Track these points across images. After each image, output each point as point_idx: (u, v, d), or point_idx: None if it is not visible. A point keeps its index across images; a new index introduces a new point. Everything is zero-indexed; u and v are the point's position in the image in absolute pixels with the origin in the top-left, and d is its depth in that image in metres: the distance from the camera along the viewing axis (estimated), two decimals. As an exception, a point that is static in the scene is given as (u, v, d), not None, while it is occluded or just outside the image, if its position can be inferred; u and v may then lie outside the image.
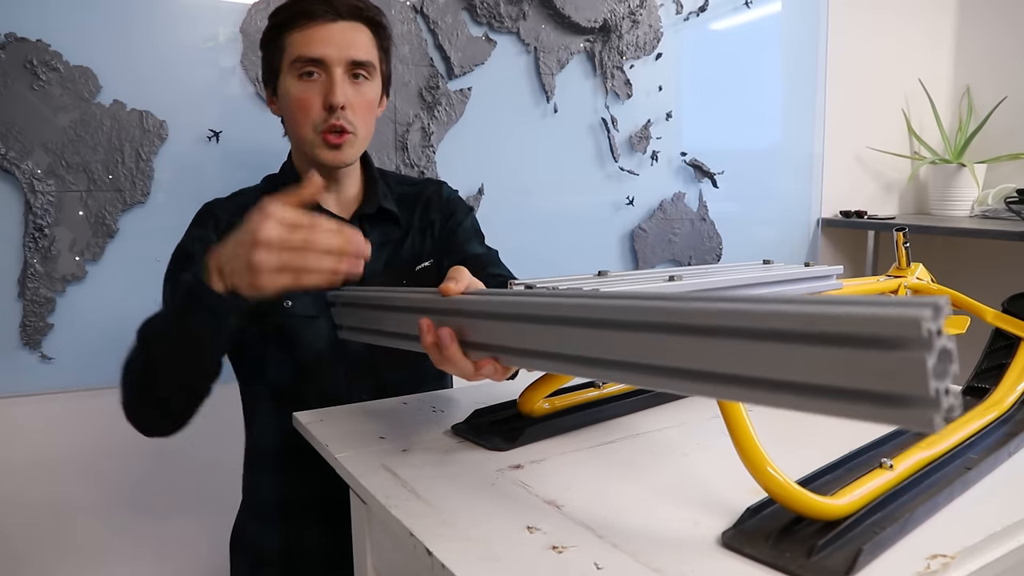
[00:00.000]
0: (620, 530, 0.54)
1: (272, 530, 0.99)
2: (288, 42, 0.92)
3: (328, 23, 0.91)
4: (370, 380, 0.98)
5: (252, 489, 1.03)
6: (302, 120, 0.92)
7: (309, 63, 0.91)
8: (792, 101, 2.03)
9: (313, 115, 0.92)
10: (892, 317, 0.31)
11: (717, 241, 1.91)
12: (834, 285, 0.82)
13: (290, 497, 0.98)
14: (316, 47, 0.91)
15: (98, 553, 1.30)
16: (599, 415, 0.78)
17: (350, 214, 1.00)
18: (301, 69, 0.91)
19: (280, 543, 0.99)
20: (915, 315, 0.30)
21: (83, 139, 1.19)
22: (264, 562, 1.00)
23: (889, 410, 0.32)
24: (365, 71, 0.94)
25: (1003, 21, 2.23)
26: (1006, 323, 0.85)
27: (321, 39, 0.91)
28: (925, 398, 0.31)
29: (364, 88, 0.94)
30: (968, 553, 0.49)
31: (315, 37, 0.91)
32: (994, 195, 2.10)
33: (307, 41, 0.91)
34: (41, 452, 1.25)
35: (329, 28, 0.92)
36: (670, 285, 0.63)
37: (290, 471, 0.97)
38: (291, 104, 0.93)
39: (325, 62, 0.91)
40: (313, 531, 0.97)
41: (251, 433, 1.02)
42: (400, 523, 0.55)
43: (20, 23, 1.14)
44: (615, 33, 1.67)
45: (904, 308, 0.31)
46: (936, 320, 0.30)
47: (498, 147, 1.56)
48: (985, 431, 0.70)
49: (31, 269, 1.18)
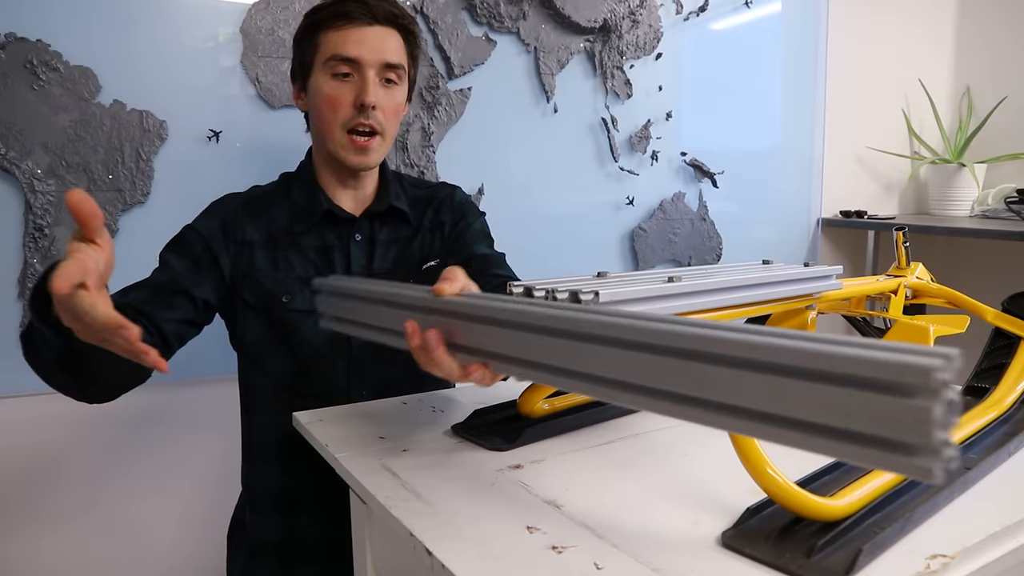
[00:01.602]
0: (620, 530, 0.54)
1: (270, 521, 1.00)
2: (323, 40, 0.94)
3: (365, 26, 0.94)
4: (371, 377, 0.98)
5: (250, 480, 1.03)
6: (331, 118, 0.94)
7: (344, 62, 0.93)
8: (792, 101, 2.03)
9: (343, 113, 0.94)
10: (904, 364, 0.31)
11: (717, 241, 1.91)
12: (834, 285, 0.82)
13: (288, 488, 0.99)
14: (352, 47, 0.93)
15: (98, 551, 1.30)
16: (599, 415, 0.78)
17: (361, 211, 1.01)
18: (335, 68, 0.94)
19: (278, 534, 0.99)
20: (927, 365, 0.30)
21: (83, 139, 1.19)
22: (261, 553, 1.00)
23: (890, 456, 0.32)
24: (396, 74, 0.97)
25: (1003, 21, 2.23)
26: (1006, 323, 0.85)
27: (357, 40, 0.93)
28: (927, 447, 0.31)
29: (394, 91, 0.97)
30: (968, 553, 0.49)
31: (351, 38, 0.93)
32: (994, 195, 2.10)
33: (343, 41, 0.93)
34: (41, 452, 1.25)
35: (365, 31, 0.94)
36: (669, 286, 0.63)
37: (288, 463, 0.97)
38: (322, 101, 0.95)
39: (359, 62, 0.93)
40: (311, 522, 0.98)
41: (250, 425, 1.02)
42: (400, 523, 0.55)
43: (20, 23, 1.14)
44: (615, 33, 1.67)
45: (917, 357, 0.31)
46: (947, 371, 0.30)
47: (498, 147, 1.56)
48: (985, 431, 0.70)
49: (31, 269, 1.18)
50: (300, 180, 1.02)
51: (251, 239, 0.97)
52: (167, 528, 1.35)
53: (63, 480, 1.26)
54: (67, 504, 1.27)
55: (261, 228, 0.98)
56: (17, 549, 1.24)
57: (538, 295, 0.59)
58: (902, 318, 0.85)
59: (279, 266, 0.97)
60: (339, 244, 1.00)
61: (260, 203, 1.00)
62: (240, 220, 0.98)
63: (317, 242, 0.99)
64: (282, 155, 1.11)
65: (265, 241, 0.98)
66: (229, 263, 0.96)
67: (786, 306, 0.79)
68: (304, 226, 0.98)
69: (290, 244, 0.98)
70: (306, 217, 0.99)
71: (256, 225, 0.98)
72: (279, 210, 1.00)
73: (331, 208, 0.99)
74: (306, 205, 0.99)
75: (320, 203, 0.99)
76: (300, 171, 1.04)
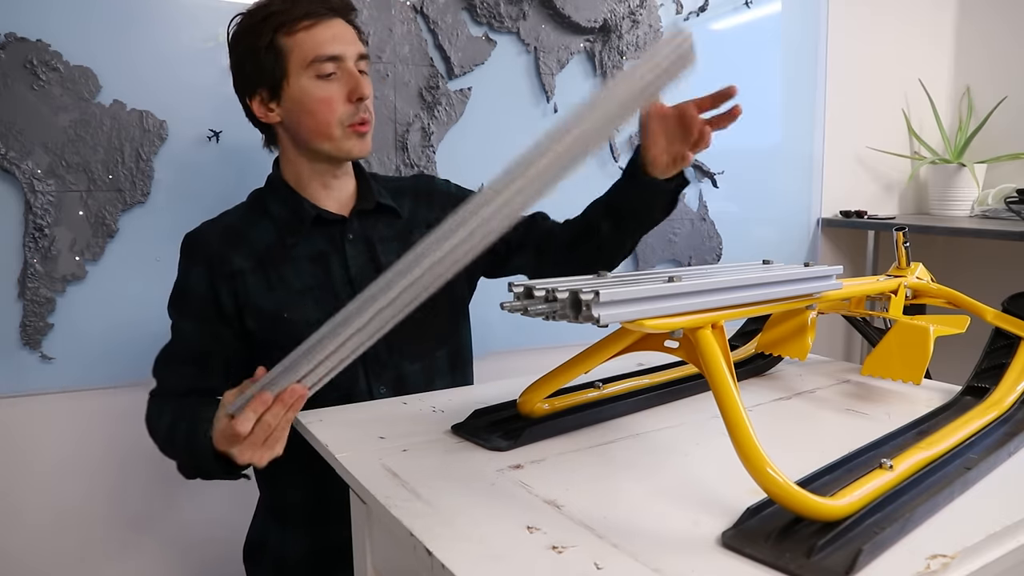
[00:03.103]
0: (620, 530, 0.54)
1: (290, 531, 0.99)
2: (293, 44, 0.91)
3: (329, 20, 0.92)
4: (389, 372, 0.98)
5: (268, 490, 1.03)
6: (328, 118, 0.92)
7: (328, 61, 0.91)
8: (792, 101, 2.03)
9: (339, 111, 0.92)
10: None
11: (717, 241, 1.91)
12: (834, 285, 0.82)
13: (309, 497, 0.98)
14: (332, 45, 0.91)
15: (99, 554, 1.30)
16: (599, 415, 0.78)
17: (348, 212, 1.00)
18: (320, 69, 0.91)
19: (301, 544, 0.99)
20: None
21: (83, 139, 1.19)
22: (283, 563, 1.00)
23: None
24: (365, 63, 0.96)
25: (1003, 21, 2.23)
26: (1006, 323, 0.85)
27: (332, 36, 0.92)
28: None
29: (368, 79, 0.96)
30: (968, 553, 0.49)
31: (325, 36, 0.91)
32: (994, 195, 2.10)
33: (319, 41, 0.91)
34: (41, 452, 1.25)
35: (332, 25, 0.93)
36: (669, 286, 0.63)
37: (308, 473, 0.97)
38: (312, 103, 0.92)
39: (342, 58, 0.92)
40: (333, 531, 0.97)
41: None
42: (400, 523, 0.55)
43: (20, 23, 1.14)
44: (615, 33, 1.67)
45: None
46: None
47: (498, 147, 1.56)
48: (985, 431, 0.70)
49: (31, 269, 1.18)
50: (277, 194, 0.99)
51: (240, 268, 0.95)
52: (171, 536, 1.35)
53: (63, 484, 1.26)
54: (67, 510, 1.27)
55: (246, 255, 0.95)
56: (17, 550, 1.24)
57: (538, 295, 0.59)
58: (902, 318, 0.86)
59: (273, 285, 0.95)
60: (333, 247, 0.98)
61: (237, 230, 0.97)
62: (224, 252, 0.95)
63: (310, 251, 0.97)
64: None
65: (254, 266, 0.95)
66: (230, 300, 0.95)
67: (786, 306, 0.79)
68: (295, 236, 0.96)
69: (282, 259, 0.96)
70: (295, 226, 0.97)
71: (241, 254, 0.95)
72: (262, 229, 0.97)
73: (319, 212, 0.97)
74: (291, 215, 0.97)
75: (307, 209, 0.97)
76: (273, 185, 1.01)
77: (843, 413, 0.82)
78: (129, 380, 1.23)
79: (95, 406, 1.26)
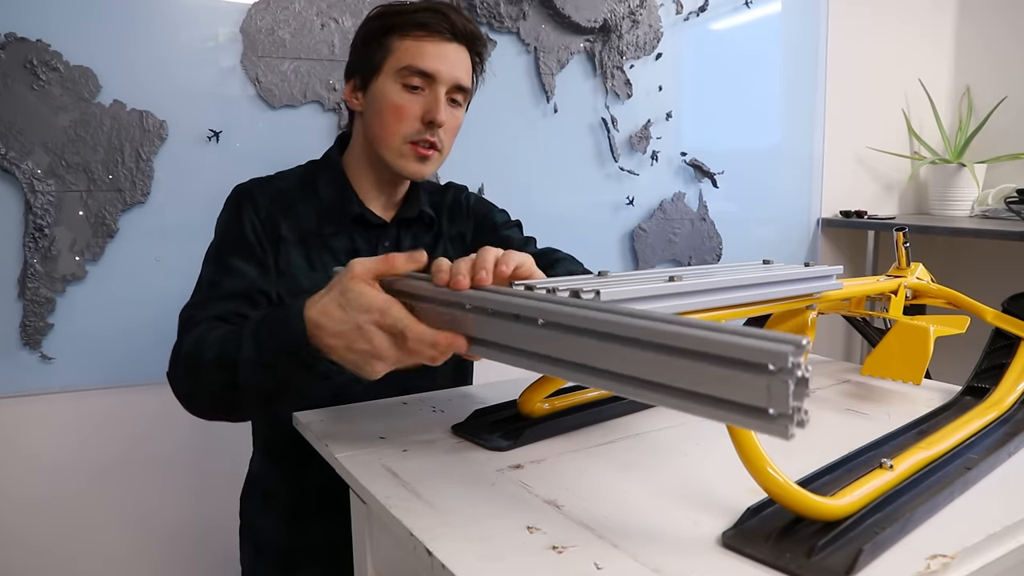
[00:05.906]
0: (620, 530, 0.54)
1: (283, 524, 0.99)
2: (398, 46, 0.92)
3: (444, 41, 0.92)
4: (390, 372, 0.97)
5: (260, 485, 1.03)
6: (395, 128, 0.92)
7: (418, 75, 0.91)
8: (792, 101, 2.03)
9: (407, 125, 0.92)
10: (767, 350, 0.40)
11: (717, 241, 1.91)
12: (834, 285, 0.82)
13: (300, 491, 0.98)
14: (430, 61, 0.91)
15: (99, 551, 1.30)
16: (599, 415, 0.78)
17: (390, 216, 1.01)
18: (407, 79, 0.91)
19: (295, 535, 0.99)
20: (781, 350, 0.39)
21: (83, 139, 1.19)
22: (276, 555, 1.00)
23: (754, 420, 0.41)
24: (462, 96, 0.96)
25: (1003, 21, 2.23)
26: (1006, 323, 0.85)
27: (436, 54, 0.92)
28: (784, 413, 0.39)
29: (457, 112, 0.96)
30: (968, 553, 0.49)
31: (430, 51, 0.91)
32: (994, 195, 2.10)
33: (421, 53, 0.91)
34: (41, 452, 1.25)
35: (444, 47, 0.92)
36: (670, 286, 0.63)
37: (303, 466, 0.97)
38: (385, 107, 0.92)
39: (435, 78, 0.91)
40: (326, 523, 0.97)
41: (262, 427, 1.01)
42: (400, 523, 0.55)
43: (20, 23, 1.14)
44: (615, 33, 1.67)
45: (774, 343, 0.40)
46: (797, 356, 0.39)
47: (498, 147, 1.56)
48: (985, 431, 0.70)
49: (31, 269, 1.18)
50: (329, 175, 0.99)
51: (285, 236, 0.94)
52: (171, 535, 1.35)
53: (63, 484, 1.26)
54: (67, 509, 1.27)
55: (291, 226, 0.95)
56: (17, 549, 1.24)
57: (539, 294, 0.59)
58: (902, 318, 0.85)
59: (315, 266, 0.95)
60: (368, 249, 0.98)
61: (287, 198, 0.97)
62: (274, 216, 0.94)
63: (347, 245, 0.97)
64: (282, 155, 1.10)
65: (297, 239, 0.95)
66: (272, 259, 0.94)
67: (786, 306, 0.79)
68: (333, 228, 0.96)
69: (321, 245, 0.96)
70: (335, 219, 0.96)
71: (287, 223, 0.95)
72: (306, 208, 0.97)
73: (363, 212, 0.97)
74: (335, 206, 0.97)
75: (352, 206, 0.96)
76: (329, 164, 1.00)
77: (843, 413, 0.82)
78: (129, 380, 1.23)
79: (95, 406, 1.26)
